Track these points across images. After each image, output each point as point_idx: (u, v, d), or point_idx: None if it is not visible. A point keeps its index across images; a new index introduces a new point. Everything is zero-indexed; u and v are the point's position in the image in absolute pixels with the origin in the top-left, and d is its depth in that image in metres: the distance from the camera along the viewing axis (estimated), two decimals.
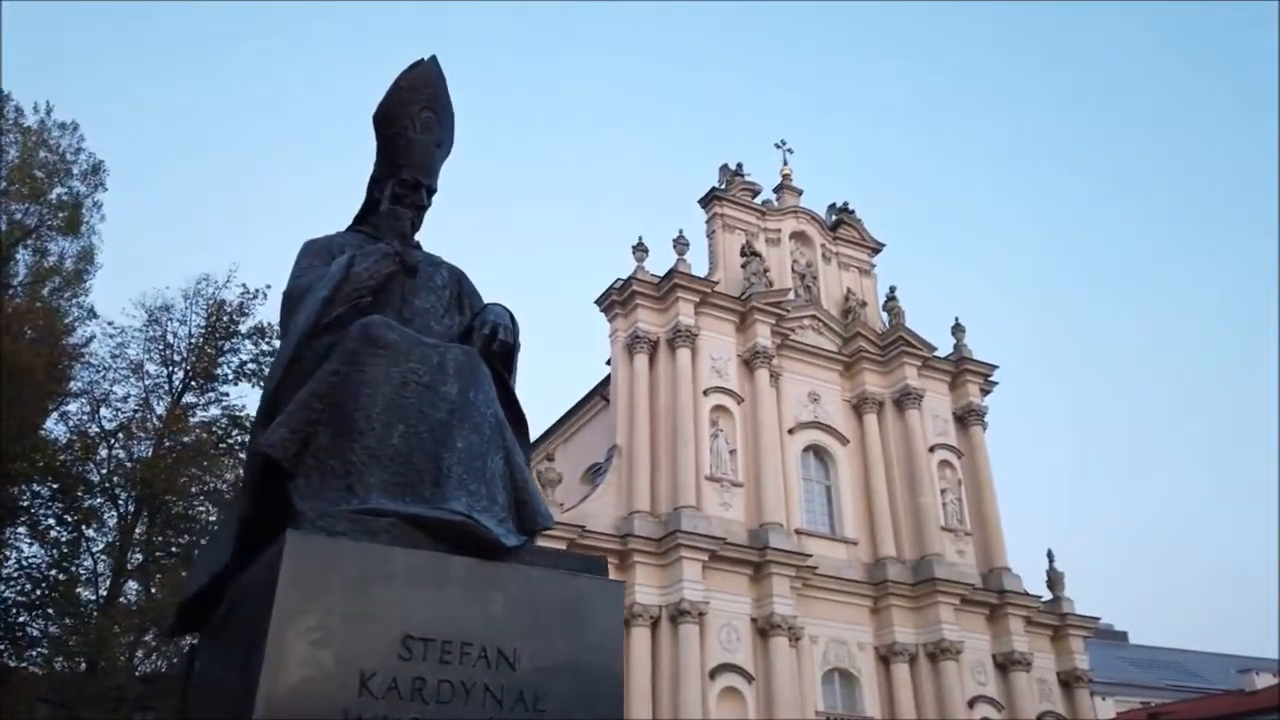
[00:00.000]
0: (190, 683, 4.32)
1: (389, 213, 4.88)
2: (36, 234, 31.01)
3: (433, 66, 5.05)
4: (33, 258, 32.11)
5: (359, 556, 3.10)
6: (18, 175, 29.75)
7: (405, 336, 4.15)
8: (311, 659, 2.90)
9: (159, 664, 18.76)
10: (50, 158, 31.18)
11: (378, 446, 3.81)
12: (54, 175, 31.24)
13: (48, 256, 32.09)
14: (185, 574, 4.40)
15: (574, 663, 3.29)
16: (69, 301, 31.93)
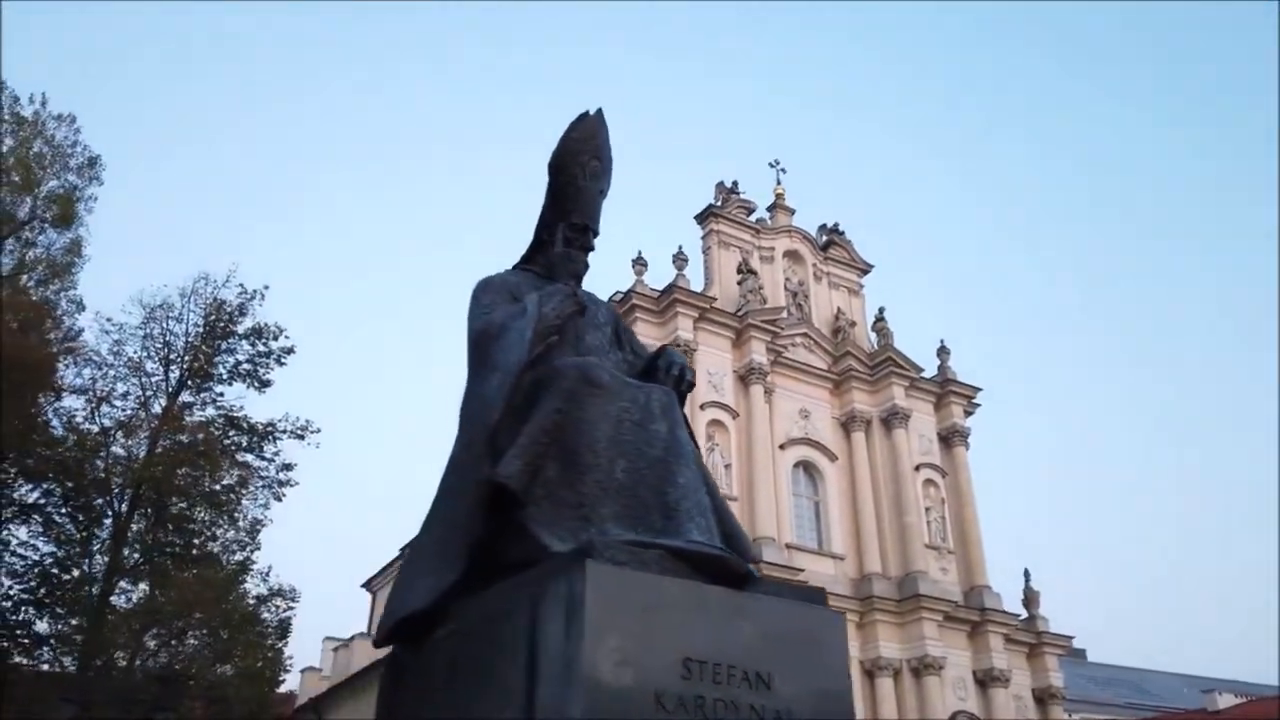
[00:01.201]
0: (398, 690, 4.62)
1: (564, 255, 5.25)
2: (28, 226, 30.73)
3: (598, 119, 5.45)
4: (21, 249, 31.80)
5: (642, 585, 3.44)
6: (13, 166, 29.46)
7: (615, 377, 4.51)
8: (616, 677, 3.23)
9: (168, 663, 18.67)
10: (45, 150, 30.90)
11: (605, 480, 4.16)
12: (48, 167, 30.96)
13: (34, 248, 31.81)
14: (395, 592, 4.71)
15: (814, 685, 3.64)
16: (57, 294, 31.67)
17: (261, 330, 26.84)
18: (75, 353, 22.01)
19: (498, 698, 3.62)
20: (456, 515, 4.44)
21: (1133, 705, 54.05)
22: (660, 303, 29.04)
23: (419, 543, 4.84)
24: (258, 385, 26.91)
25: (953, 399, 33.97)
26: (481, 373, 4.71)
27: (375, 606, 48.34)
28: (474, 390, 4.75)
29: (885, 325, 34.07)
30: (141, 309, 26.30)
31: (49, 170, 31.03)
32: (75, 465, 19.37)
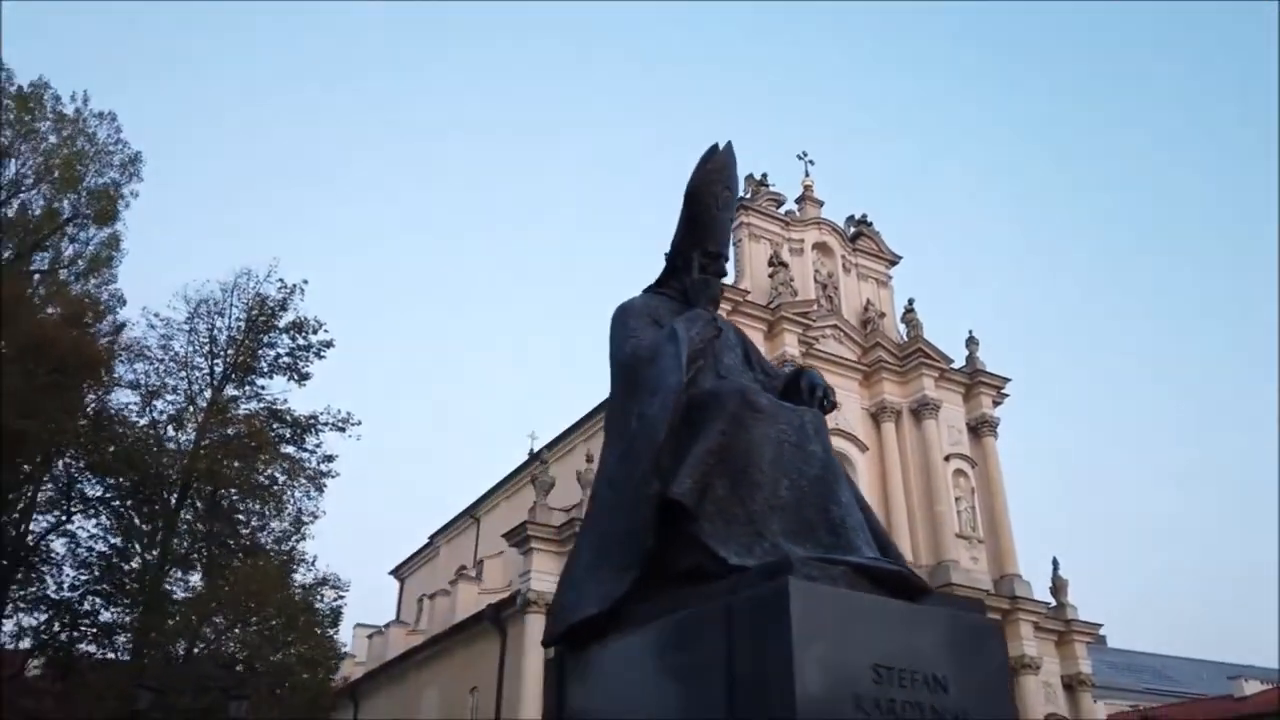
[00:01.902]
0: (567, 686, 5.00)
1: (701, 281, 5.63)
2: (71, 223, 31.28)
3: (728, 152, 5.82)
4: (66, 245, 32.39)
5: (835, 598, 3.81)
6: (58, 165, 29.95)
7: (772, 401, 4.88)
8: (821, 681, 3.60)
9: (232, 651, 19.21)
10: (87, 147, 31.41)
11: (771, 498, 4.53)
12: (90, 164, 31.47)
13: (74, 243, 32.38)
14: (562, 594, 5.11)
15: (982, 687, 4.02)
16: (98, 288, 32.26)
17: (301, 324, 27.36)
18: (130, 349, 22.41)
19: (696, 696, 4.00)
20: (627, 528, 4.80)
21: (1154, 691, 54.30)
22: None
23: (582, 550, 5.20)
24: (297, 378, 27.46)
25: (982, 389, 34.20)
26: (640, 395, 5.06)
27: (404, 594, 49.06)
28: (632, 409, 5.09)
29: (915, 316, 34.31)
30: (186, 304, 26.85)
31: (90, 168, 31.58)
32: (140, 460, 19.89)
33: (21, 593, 19.92)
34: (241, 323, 27.11)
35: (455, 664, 29.35)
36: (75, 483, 20.18)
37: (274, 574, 20.07)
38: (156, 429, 23.65)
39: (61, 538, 20.36)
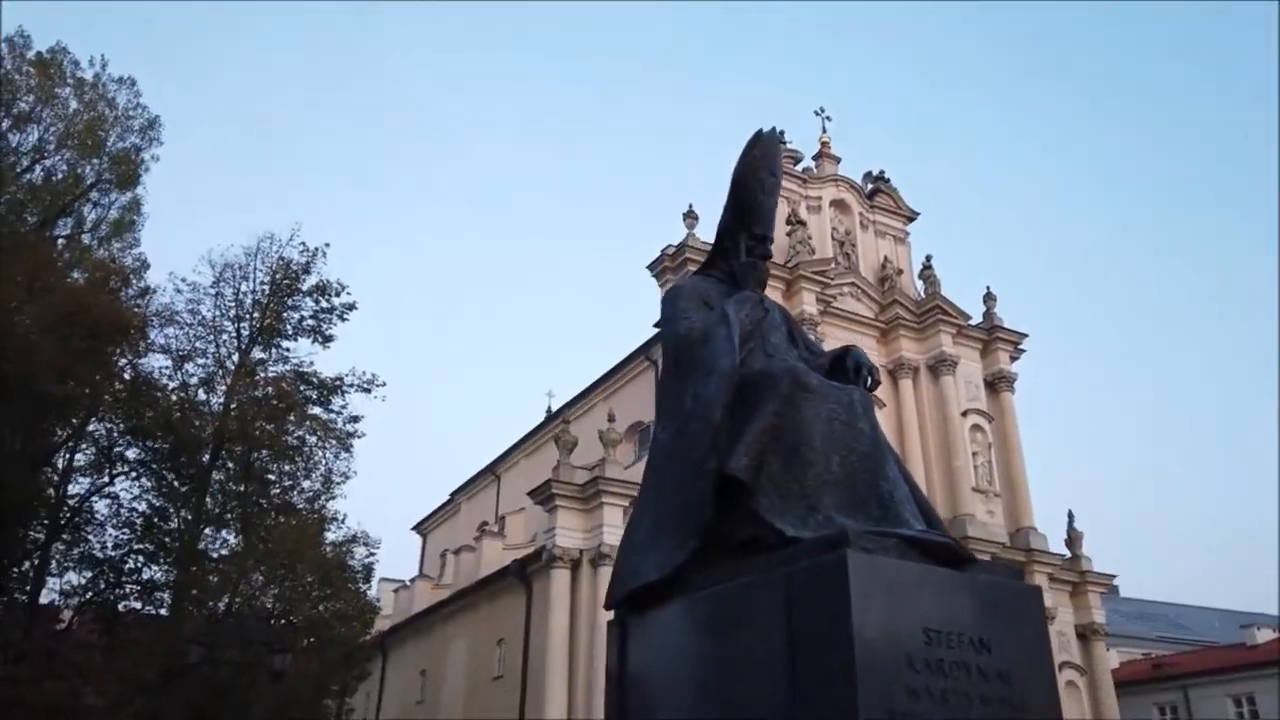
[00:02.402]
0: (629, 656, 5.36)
1: (749, 264, 5.88)
2: (95, 189, 31.57)
3: (772, 138, 6.04)
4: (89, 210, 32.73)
5: (889, 568, 4.12)
6: (80, 131, 30.14)
7: (822, 381, 5.16)
8: (878, 644, 3.93)
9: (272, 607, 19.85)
10: (109, 112, 31.58)
11: (824, 473, 4.83)
12: (110, 129, 31.66)
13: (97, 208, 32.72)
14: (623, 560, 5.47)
15: (1023, 648, 4.35)
16: (121, 253, 32.66)
17: (325, 287, 27.62)
18: (161, 314, 22.81)
19: (758, 661, 4.34)
20: (686, 500, 5.11)
21: (1167, 639, 55.01)
22: None
23: (641, 520, 5.52)
24: (321, 340, 27.82)
25: (999, 345, 34.35)
26: (694, 375, 5.34)
27: (426, 549, 50.00)
28: (686, 389, 5.38)
29: (932, 273, 34.35)
30: (211, 269, 27.17)
31: (112, 133, 31.78)
32: (177, 424, 20.38)
33: (68, 552, 20.61)
34: (266, 286, 27.39)
35: (481, 617, 30.13)
36: (115, 446, 20.76)
37: (309, 532, 20.67)
38: (188, 392, 24.13)
39: (104, 499, 21.03)
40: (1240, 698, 35.87)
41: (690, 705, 4.66)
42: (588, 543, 25.15)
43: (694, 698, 4.64)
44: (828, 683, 3.95)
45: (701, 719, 4.51)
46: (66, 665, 18.12)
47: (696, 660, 4.79)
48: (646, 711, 4.99)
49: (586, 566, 24.99)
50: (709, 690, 4.53)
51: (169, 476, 20.91)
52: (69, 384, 18.52)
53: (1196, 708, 36.80)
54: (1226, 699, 36.11)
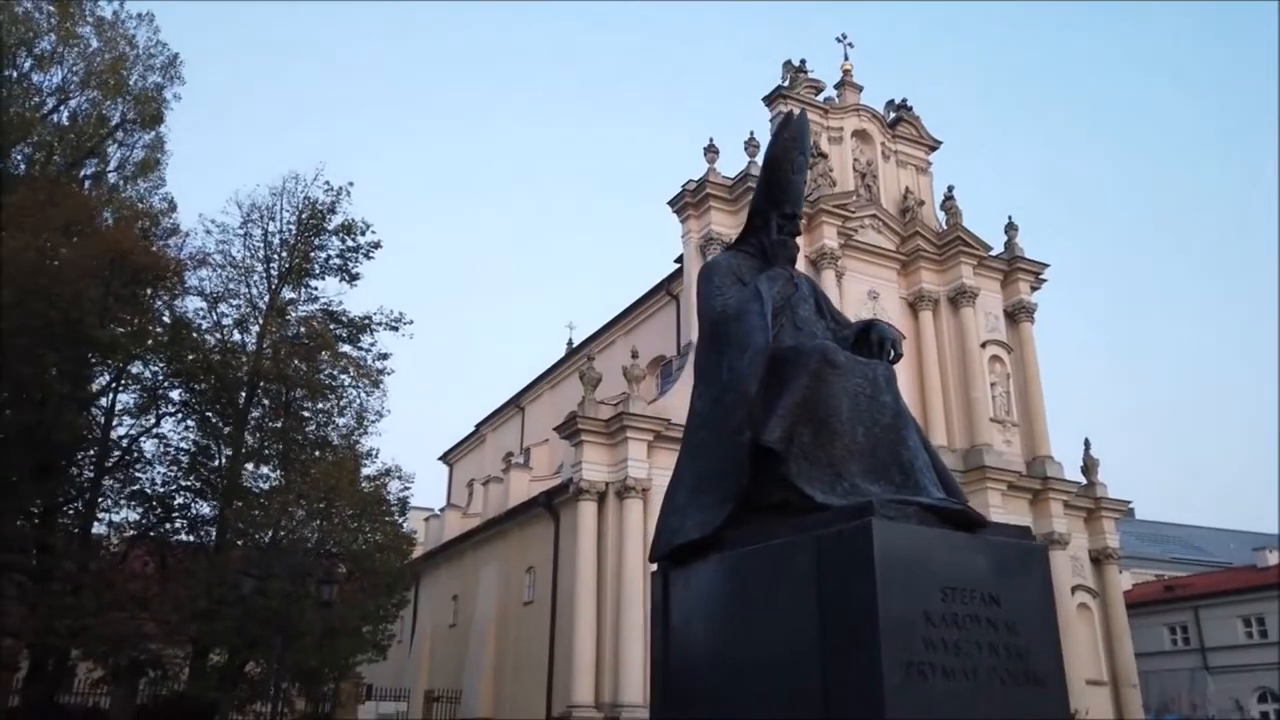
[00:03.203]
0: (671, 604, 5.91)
1: (780, 242, 6.26)
2: (121, 128, 31.82)
3: (803, 119, 6.36)
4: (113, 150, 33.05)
5: (909, 533, 4.59)
6: (104, 70, 30.26)
7: (849, 358, 5.58)
8: (902, 602, 4.44)
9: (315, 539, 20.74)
10: (129, 51, 31.64)
11: (850, 443, 5.28)
12: (134, 68, 31.78)
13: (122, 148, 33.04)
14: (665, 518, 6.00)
15: (1029, 601, 4.83)
16: (149, 193, 33.09)
17: (350, 226, 27.93)
18: (195, 257, 23.30)
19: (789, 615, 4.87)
20: (723, 466, 5.59)
21: (1181, 560, 55.99)
22: (733, 191, 29.57)
23: (682, 482, 6.01)
24: (348, 278, 28.27)
25: (1020, 275, 34.39)
26: (729, 350, 5.77)
27: (453, 478, 51.27)
28: (721, 362, 5.81)
29: (954, 204, 34.24)
30: (239, 210, 27.56)
31: (134, 71, 31.88)
32: (220, 366, 21.05)
33: (121, 490, 21.54)
34: (292, 226, 27.76)
35: (511, 545, 31.21)
36: (160, 389, 21.51)
37: (347, 468, 21.47)
38: (223, 333, 24.76)
39: (152, 439, 21.87)
40: (1249, 618, 36.74)
41: (727, 649, 5.21)
42: (613, 475, 25.91)
43: (731, 643, 5.18)
44: (854, 637, 4.46)
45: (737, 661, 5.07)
46: (125, 595, 19.17)
47: (733, 610, 5.33)
48: (688, 652, 5.56)
49: (612, 498, 25.80)
50: (745, 637, 5.06)
51: (212, 417, 21.68)
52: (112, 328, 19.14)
53: (1206, 628, 37.74)
54: (1236, 619, 37.01)
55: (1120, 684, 31.10)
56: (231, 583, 17.60)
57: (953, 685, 4.35)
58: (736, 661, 5.07)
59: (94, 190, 31.72)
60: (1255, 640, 36.16)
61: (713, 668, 5.30)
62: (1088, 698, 30.09)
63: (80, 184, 30.53)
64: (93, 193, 31.28)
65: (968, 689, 4.40)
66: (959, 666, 4.43)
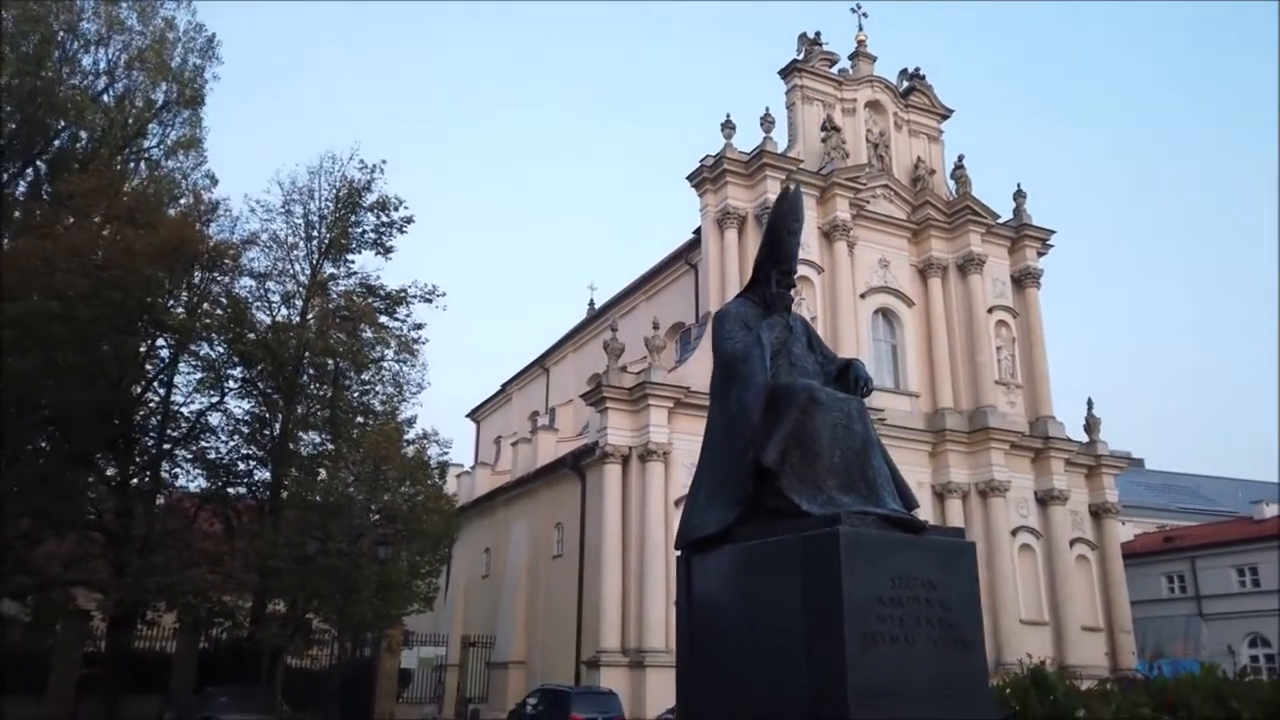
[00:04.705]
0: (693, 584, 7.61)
1: (778, 295, 7.84)
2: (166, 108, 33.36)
3: (797, 194, 7.91)
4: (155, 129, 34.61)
5: (868, 536, 6.23)
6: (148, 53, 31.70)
7: (829, 395, 7.21)
8: (863, 589, 6.09)
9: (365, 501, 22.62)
10: (169, 34, 33.04)
11: (829, 464, 6.92)
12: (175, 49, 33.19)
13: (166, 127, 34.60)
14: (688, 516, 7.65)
15: (959, 584, 6.49)
16: (193, 169, 34.74)
17: (385, 203, 29.47)
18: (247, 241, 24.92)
19: (781, 595, 6.55)
20: (733, 478, 7.24)
21: (1186, 510, 57.30)
22: (750, 166, 30.80)
23: (701, 487, 7.65)
24: (383, 252, 29.91)
25: (1027, 242, 35.51)
26: (739, 387, 7.39)
27: (480, 434, 53.33)
28: (732, 393, 7.43)
29: (964, 173, 35.27)
30: (280, 190, 29.14)
31: (174, 52, 33.32)
32: (276, 345, 22.83)
33: (192, 459, 23.55)
34: (330, 204, 29.33)
35: (540, 502, 33.20)
36: (224, 366, 23.36)
37: (393, 437, 23.32)
38: (272, 310, 26.52)
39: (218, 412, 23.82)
40: (1244, 568, 38.38)
41: (736, 618, 6.91)
42: (636, 440, 27.67)
43: (739, 614, 6.86)
44: (826, 612, 6.13)
45: (744, 628, 6.77)
46: (200, 554, 21.23)
47: (740, 589, 7.02)
48: (707, 624, 7.27)
49: (635, 461, 27.59)
50: (749, 610, 6.74)
51: (269, 390, 23.50)
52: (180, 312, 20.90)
53: (1202, 577, 39.44)
54: (1230, 569, 38.66)
55: (1115, 630, 32.94)
56: (296, 542, 19.58)
57: (898, 649, 6.01)
58: (743, 628, 6.73)
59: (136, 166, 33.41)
60: (1248, 589, 37.87)
61: (725, 632, 6.98)
62: (1084, 643, 32.03)
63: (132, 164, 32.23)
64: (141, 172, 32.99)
65: (909, 651, 6.06)
66: (903, 634, 6.08)
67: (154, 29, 31.98)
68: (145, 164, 34.00)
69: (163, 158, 34.38)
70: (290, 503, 23.13)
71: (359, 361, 24.72)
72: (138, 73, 32.26)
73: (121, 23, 31.90)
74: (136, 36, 32.30)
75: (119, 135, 31.62)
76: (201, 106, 33.73)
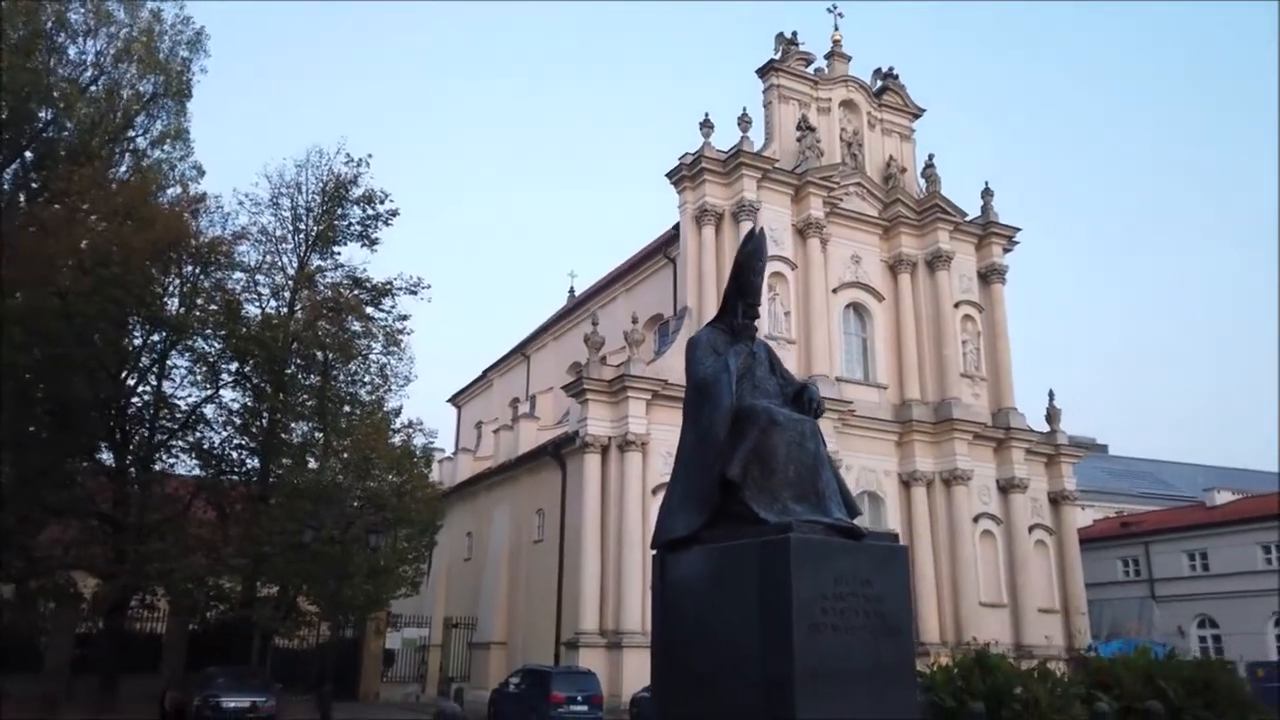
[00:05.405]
0: (666, 579, 8.69)
1: (745, 325, 8.90)
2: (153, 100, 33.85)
3: (762, 236, 8.95)
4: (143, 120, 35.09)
5: (815, 543, 7.31)
6: (137, 46, 32.18)
7: (788, 416, 8.29)
8: (809, 587, 7.17)
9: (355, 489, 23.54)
10: (157, 26, 33.50)
11: (785, 478, 7.99)
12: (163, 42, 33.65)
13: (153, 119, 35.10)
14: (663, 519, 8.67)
15: (892, 582, 7.55)
16: (181, 160, 35.26)
17: (371, 196, 30.12)
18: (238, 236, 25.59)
19: (741, 590, 7.62)
20: (702, 487, 8.28)
21: (1146, 495, 59.08)
22: (727, 165, 31.78)
23: (674, 494, 8.70)
24: (369, 244, 30.60)
25: (993, 239, 36.77)
26: (707, 405, 8.43)
27: (461, 420, 54.22)
28: (703, 413, 8.48)
29: (934, 171, 36.45)
30: (269, 184, 29.78)
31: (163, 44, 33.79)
32: (269, 340, 23.62)
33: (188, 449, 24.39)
34: (317, 197, 29.97)
35: (521, 489, 34.26)
36: (219, 360, 24.15)
37: (381, 428, 24.24)
38: (261, 301, 27.23)
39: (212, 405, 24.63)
40: (1194, 553, 40.14)
41: (703, 610, 7.98)
42: (615, 430, 28.74)
43: (706, 606, 7.93)
44: (778, 606, 7.23)
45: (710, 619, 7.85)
46: (195, 540, 22.14)
47: (707, 585, 8.07)
48: (679, 615, 8.34)
49: (614, 451, 28.68)
50: (714, 603, 7.81)
51: (259, 383, 24.31)
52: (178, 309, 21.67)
53: (1155, 561, 41.18)
54: (1182, 554, 40.40)
55: (1070, 612, 34.53)
56: (289, 529, 20.55)
57: (839, 636, 7.08)
58: (709, 617, 7.79)
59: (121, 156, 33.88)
60: (1198, 573, 39.63)
61: (693, 620, 8.03)
62: (1041, 624, 33.59)
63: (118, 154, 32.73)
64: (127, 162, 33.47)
65: (848, 639, 7.13)
66: (843, 625, 7.15)
67: (142, 21, 32.42)
68: (131, 155, 34.51)
69: (149, 147, 34.91)
70: (281, 491, 23.99)
71: (347, 352, 25.49)
72: (126, 65, 32.73)
73: (109, 15, 32.32)
74: (124, 28, 32.75)
75: (108, 127, 32.09)
76: (189, 99, 34.26)
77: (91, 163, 26.57)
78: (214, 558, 21.71)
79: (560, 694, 21.11)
